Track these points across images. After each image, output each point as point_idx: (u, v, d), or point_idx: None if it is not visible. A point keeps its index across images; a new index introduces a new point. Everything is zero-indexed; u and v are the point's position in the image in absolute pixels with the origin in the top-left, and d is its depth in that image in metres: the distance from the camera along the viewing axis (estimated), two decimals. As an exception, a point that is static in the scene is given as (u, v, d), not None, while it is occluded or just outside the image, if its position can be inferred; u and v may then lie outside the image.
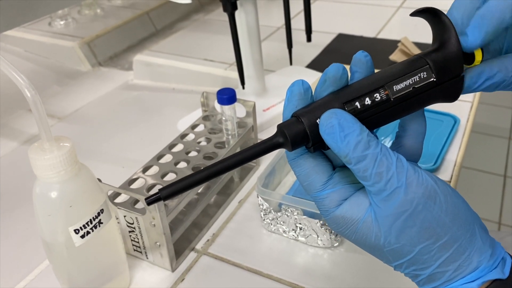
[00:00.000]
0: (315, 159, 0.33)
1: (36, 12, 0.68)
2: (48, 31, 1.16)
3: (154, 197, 0.30)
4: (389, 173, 0.29)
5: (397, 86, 0.31)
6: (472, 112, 0.78)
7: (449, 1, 0.35)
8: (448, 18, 0.33)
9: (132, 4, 1.28)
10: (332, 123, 0.29)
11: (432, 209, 0.30)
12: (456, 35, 0.32)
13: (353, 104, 0.31)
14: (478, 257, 0.31)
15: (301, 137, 0.31)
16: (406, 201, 0.29)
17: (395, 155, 0.30)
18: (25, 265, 0.56)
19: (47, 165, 0.40)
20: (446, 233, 0.30)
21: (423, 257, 0.30)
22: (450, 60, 0.32)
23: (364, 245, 0.32)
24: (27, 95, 0.38)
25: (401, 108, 0.32)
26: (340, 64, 0.32)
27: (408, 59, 0.33)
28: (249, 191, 0.65)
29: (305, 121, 0.31)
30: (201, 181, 0.30)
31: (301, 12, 0.78)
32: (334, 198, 0.32)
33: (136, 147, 0.77)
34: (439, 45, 0.33)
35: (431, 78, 0.32)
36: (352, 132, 0.29)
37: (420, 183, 0.30)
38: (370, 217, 0.31)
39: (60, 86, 0.99)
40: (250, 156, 0.31)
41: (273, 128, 0.78)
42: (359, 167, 0.29)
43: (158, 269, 0.54)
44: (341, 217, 0.32)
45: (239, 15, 0.73)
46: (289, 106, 0.32)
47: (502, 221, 1.67)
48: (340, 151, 0.29)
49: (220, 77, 0.94)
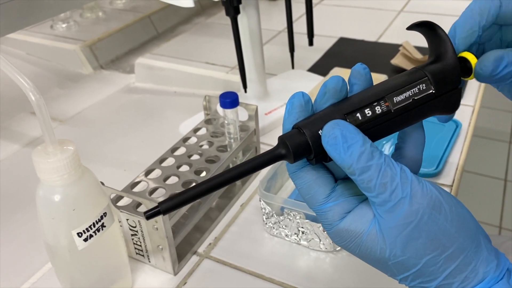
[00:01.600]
0: (317, 171, 0.32)
1: (38, 15, 0.68)
2: (50, 34, 1.16)
3: (154, 211, 0.29)
4: (394, 183, 0.29)
5: (397, 98, 0.32)
6: (473, 116, 0.78)
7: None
8: (444, 31, 0.33)
9: (133, 8, 1.29)
10: (335, 134, 0.29)
11: (438, 220, 0.30)
12: (452, 48, 0.33)
13: (354, 116, 0.31)
14: (484, 268, 0.30)
15: (303, 148, 0.31)
16: (411, 212, 0.29)
17: (399, 166, 0.30)
18: (27, 268, 0.56)
19: (50, 169, 0.40)
20: (452, 244, 0.30)
21: (429, 269, 0.30)
22: (448, 72, 0.33)
23: (369, 259, 0.32)
24: (31, 98, 0.39)
25: (401, 120, 0.32)
26: (340, 77, 0.32)
27: (407, 71, 0.34)
28: (251, 195, 0.65)
29: (307, 132, 0.31)
30: (202, 195, 0.30)
31: (303, 16, 0.78)
32: (337, 211, 0.31)
33: (138, 150, 0.77)
34: (436, 57, 0.33)
35: (430, 90, 0.32)
36: (355, 143, 0.29)
37: (425, 194, 0.30)
38: (375, 229, 0.30)
39: (62, 89, 0.99)
40: (251, 169, 0.31)
41: (275, 132, 0.78)
42: (363, 178, 0.29)
43: (160, 272, 0.54)
44: (345, 230, 0.31)
45: (242, 19, 0.73)
46: (290, 118, 0.32)
47: (503, 225, 1.66)
48: (344, 162, 0.29)
49: (221, 80, 0.94)
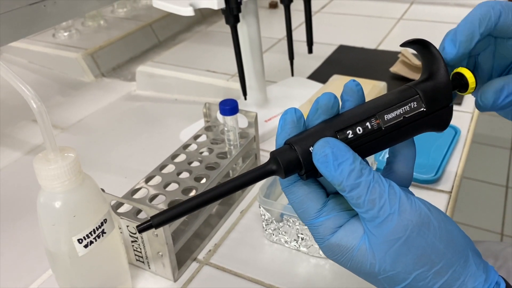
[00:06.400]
0: (309, 186, 0.33)
1: (40, 24, 0.69)
2: (52, 42, 1.17)
3: (146, 224, 0.30)
4: (382, 200, 0.30)
5: (388, 116, 0.32)
6: (472, 123, 0.79)
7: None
8: (437, 50, 0.34)
9: (135, 16, 1.30)
10: (325, 152, 0.30)
11: (427, 236, 0.30)
12: (445, 66, 0.33)
13: (345, 133, 0.31)
14: (473, 283, 0.31)
15: (294, 164, 0.31)
16: (400, 228, 0.30)
17: (387, 182, 0.30)
18: (28, 274, 0.56)
19: (51, 175, 0.41)
20: (441, 260, 0.30)
21: (418, 284, 0.30)
22: (440, 91, 0.33)
23: (359, 273, 0.32)
24: (33, 106, 0.39)
25: (392, 137, 0.32)
26: (332, 93, 0.32)
27: (398, 88, 0.34)
28: (251, 201, 0.65)
29: (298, 148, 0.31)
30: (193, 209, 0.30)
31: (302, 24, 0.78)
32: (329, 225, 0.32)
33: (138, 157, 0.77)
34: (428, 75, 0.34)
35: (421, 108, 0.33)
36: (345, 161, 0.30)
37: (414, 210, 0.30)
38: (365, 244, 0.31)
39: (63, 97, 1.00)
40: (243, 183, 0.31)
41: (274, 139, 0.78)
42: (352, 194, 0.30)
43: (160, 279, 0.54)
44: (336, 245, 0.32)
45: (241, 27, 0.73)
46: (282, 134, 0.32)
47: (505, 232, 1.66)
48: (334, 179, 0.30)
49: (222, 88, 0.94)
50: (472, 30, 0.34)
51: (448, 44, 0.35)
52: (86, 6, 0.77)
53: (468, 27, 0.34)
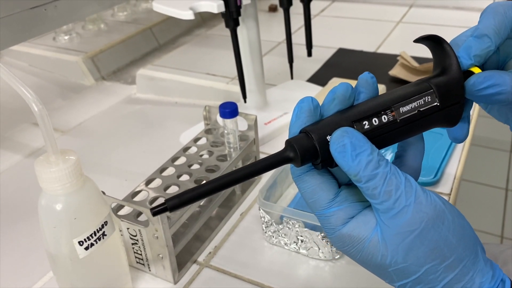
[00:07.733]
0: (322, 176, 0.33)
1: (41, 27, 0.70)
2: (53, 45, 1.17)
3: (161, 207, 0.29)
4: (398, 191, 0.30)
5: (403, 108, 0.32)
6: (471, 125, 0.79)
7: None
8: (450, 46, 0.34)
9: (135, 20, 1.30)
10: (344, 142, 0.30)
11: (441, 229, 0.30)
12: (457, 62, 0.34)
13: (362, 124, 0.32)
14: (480, 278, 0.31)
15: (310, 153, 0.31)
16: (415, 220, 0.30)
17: (403, 175, 0.30)
18: (29, 276, 0.57)
19: (52, 178, 0.41)
20: (452, 254, 0.30)
21: (429, 277, 0.30)
22: (452, 86, 0.33)
23: (369, 265, 0.32)
24: (34, 109, 0.39)
25: (406, 130, 0.33)
26: (349, 84, 0.32)
27: (413, 82, 0.34)
28: (250, 204, 0.66)
29: (315, 137, 0.31)
30: (209, 193, 0.30)
31: (302, 27, 0.79)
32: (341, 216, 0.32)
33: (139, 160, 0.77)
34: (441, 71, 0.34)
35: (435, 102, 0.33)
36: (363, 152, 0.30)
37: (429, 203, 0.30)
38: (377, 236, 0.31)
39: (64, 100, 1.00)
40: (258, 170, 0.31)
41: (274, 141, 0.79)
42: (368, 185, 0.30)
43: (161, 281, 0.54)
44: (347, 236, 0.31)
45: (241, 31, 0.74)
46: (298, 122, 0.32)
47: (504, 235, 1.66)
48: (351, 169, 0.30)
49: (222, 91, 0.95)
50: (488, 45, 0.34)
51: (463, 56, 0.35)
52: (87, 9, 0.78)
53: (484, 42, 0.34)
